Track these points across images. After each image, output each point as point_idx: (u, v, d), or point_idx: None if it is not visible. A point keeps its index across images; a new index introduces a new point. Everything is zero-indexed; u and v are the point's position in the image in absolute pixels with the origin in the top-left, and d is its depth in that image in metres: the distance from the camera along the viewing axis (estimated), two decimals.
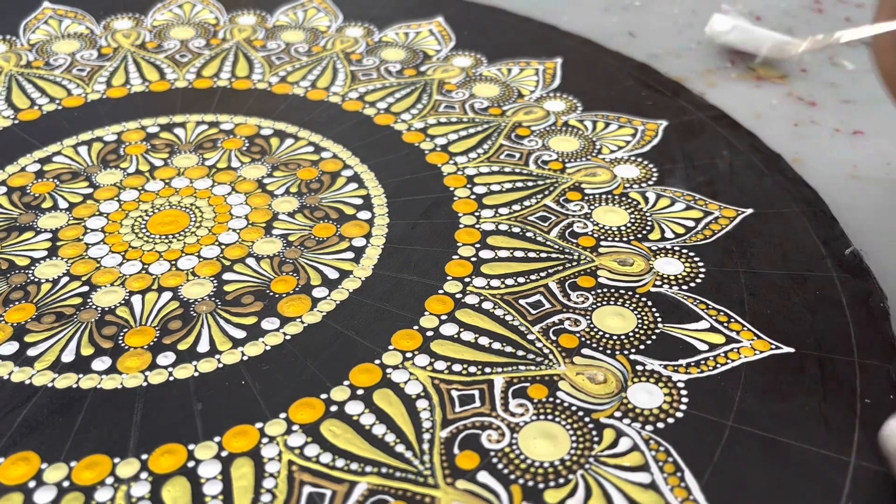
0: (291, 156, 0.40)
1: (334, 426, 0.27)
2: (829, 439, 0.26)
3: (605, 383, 0.28)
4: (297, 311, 0.31)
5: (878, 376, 0.28)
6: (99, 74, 0.47)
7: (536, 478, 0.25)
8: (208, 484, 0.25)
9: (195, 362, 0.29)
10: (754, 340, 0.30)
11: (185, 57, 0.49)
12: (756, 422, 0.27)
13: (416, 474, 0.25)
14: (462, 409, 0.27)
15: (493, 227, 0.35)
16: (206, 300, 0.32)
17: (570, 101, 0.44)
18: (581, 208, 0.37)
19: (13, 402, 0.28)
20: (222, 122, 0.43)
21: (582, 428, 0.27)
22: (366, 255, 0.34)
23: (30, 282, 0.33)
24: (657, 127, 0.42)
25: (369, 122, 0.43)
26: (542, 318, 0.31)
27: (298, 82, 0.46)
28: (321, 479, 0.25)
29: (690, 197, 0.37)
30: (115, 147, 0.41)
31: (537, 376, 0.29)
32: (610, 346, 0.30)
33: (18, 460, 0.26)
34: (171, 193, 0.38)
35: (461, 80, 0.46)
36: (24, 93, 0.45)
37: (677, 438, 0.26)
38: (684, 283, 0.33)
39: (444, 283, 0.33)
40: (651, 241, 0.35)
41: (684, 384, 0.28)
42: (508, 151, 0.40)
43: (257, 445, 0.26)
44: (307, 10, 0.54)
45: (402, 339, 0.30)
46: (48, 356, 0.29)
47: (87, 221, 0.36)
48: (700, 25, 0.53)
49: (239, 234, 0.35)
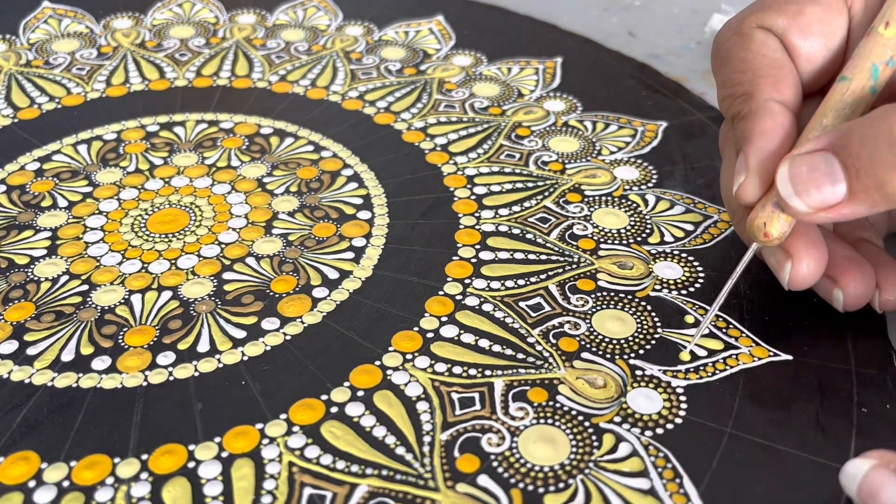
0: (291, 155, 0.40)
1: (335, 427, 0.27)
2: (827, 447, 0.26)
3: (605, 388, 0.28)
4: (297, 312, 0.31)
5: (876, 385, 0.28)
6: (98, 73, 0.47)
7: (536, 482, 0.25)
8: (209, 485, 0.25)
9: (195, 362, 0.29)
10: (753, 347, 0.30)
11: (184, 56, 0.49)
12: (754, 429, 0.27)
13: (416, 477, 0.25)
14: (462, 411, 0.27)
15: (493, 229, 0.35)
16: (206, 300, 0.32)
17: (570, 101, 0.44)
18: (581, 210, 0.37)
19: (13, 401, 0.28)
20: (222, 121, 0.43)
21: (582, 432, 0.27)
22: (366, 256, 0.34)
23: (29, 280, 0.33)
24: (657, 128, 0.42)
25: (369, 121, 0.43)
26: (542, 320, 0.31)
27: (298, 81, 0.46)
28: (321, 481, 0.25)
29: (690, 200, 0.37)
30: (114, 146, 0.41)
31: (537, 380, 0.29)
32: (609, 350, 0.30)
33: (18, 460, 0.26)
34: (171, 192, 0.38)
35: (461, 80, 0.46)
36: (23, 92, 0.45)
37: (676, 444, 0.26)
38: (683, 287, 0.33)
39: (444, 284, 0.33)
40: (651, 244, 0.35)
41: (683, 390, 0.28)
42: (508, 151, 0.40)
43: (258, 446, 0.26)
44: (307, 9, 0.54)
45: (402, 341, 0.30)
46: (48, 355, 0.29)
47: (86, 220, 0.36)
48: (700, 25, 0.53)
49: (239, 233, 0.35)
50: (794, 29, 0.30)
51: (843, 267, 0.29)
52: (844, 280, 0.29)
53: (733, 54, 0.30)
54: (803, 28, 0.30)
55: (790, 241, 0.28)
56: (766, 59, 0.29)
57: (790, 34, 0.30)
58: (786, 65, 0.29)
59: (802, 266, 0.28)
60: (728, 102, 0.30)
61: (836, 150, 0.25)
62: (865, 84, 0.27)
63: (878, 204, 0.24)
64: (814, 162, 0.25)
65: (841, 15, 0.30)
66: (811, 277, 0.28)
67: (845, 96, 0.27)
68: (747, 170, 0.28)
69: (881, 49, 0.27)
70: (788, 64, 0.29)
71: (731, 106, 0.29)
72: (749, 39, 0.30)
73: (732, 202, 0.30)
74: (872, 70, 0.27)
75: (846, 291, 0.29)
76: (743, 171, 0.28)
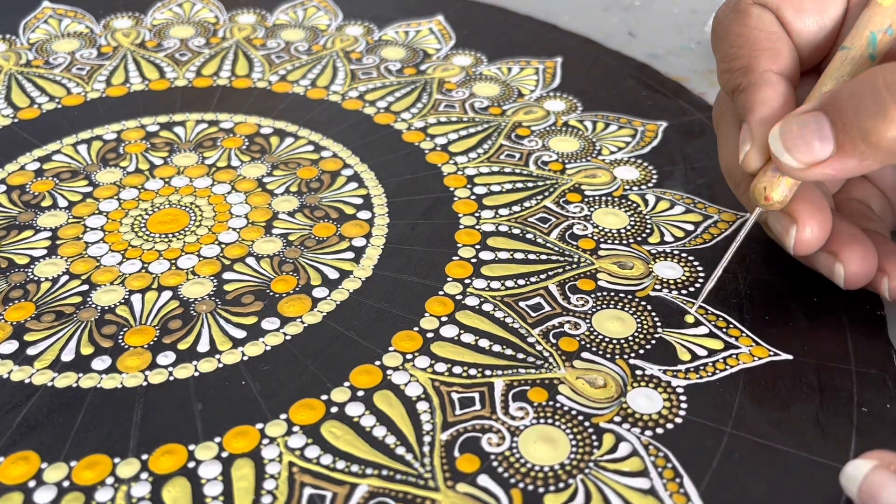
0: (291, 155, 0.40)
1: (335, 427, 0.27)
2: (827, 447, 0.26)
3: (605, 387, 0.28)
4: (297, 311, 0.31)
5: (876, 385, 0.28)
6: (98, 73, 0.47)
7: (536, 482, 0.25)
8: (209, 485, 0.25)
9: (195, 362, 0.29)
10: (753, 347, 0.30)
11: (184, 56, 0.49)
12: (754, 429, 0.27)
13: (416, 477, 0.25)
14: (462, 411, 0.27)
15: (493, 228, 0.35)
16: (206, 300, 0.32)
17: (570, 101, 0.44)
18: (581, 210, 0.37)
19: (13, 401, 0.28)
20: (222, 121, 0.43)
21: (582, 432, 0.27)
22: (366, 256, 0.34)
23: (29, 280, 0.33)
24: (657, 128, 0.42)
25: (369, 121, 0.43)
26: (542, 320, 0.31)
27: (298, 81, 0.46)
28: (322, 481, 0.25)
29: (690, 200, 0.37)
30: (114, 146, 0.41)
31: (537, 379, 0.29)
32: (609, 349, 0.30)
33: (18, 460, 0.26)
34: (171, 192, 0.38)
35: (461, 79, 0.46)
36: (23, 91, 0.45)
37: (676, 444, 0.26)
38: (683, 287, 0.33)
39: (444, 284, 0.33)
40: (651, 244, 0.35)
41: (683, 389, 0.28)
42: (508, 151, 0.40)
43: (258, 446, 0.26)
44: (307, 9, 0.54)
45: (402, 341, 0.30)
46: (48, 355, 0.29)
47: (86, 220, 0.36)
48: (700, 25, 0.53)
49: (239, 233, 0.35)
50: (788, 5, 0.30)
51: (846, 242, 0.29)
52: (846, 254, 0.29)
53: (730, 30, 0.31)
54: (796, 4, 0.30)
55: (794, 207, 0.28)
56: (762, 33, 0.30)
57: (784, 10, 0.31)
58: (782, 38, 0.30)
59: (806, 230, 0.28)
60: (727, 77, 0.30)
61: (826, 108, 0.26)
62: (864, 52, 0.28)
63: (866, 156, 0.25)
64: (804, 120, 0.26)
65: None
66: (815, 241, 0.29)
67: (844, 63, 0.28)
68: (751, 138, 0.28)
69: (880, 18, 0.28)
70: (784, 37, 0.30)
71: (730, 80, 0.30)
72: (746, 15, 0.30)
73: (735, 173, 0.31)
74: (871, 38, 0.28)
75: (847, 267, 0.29)
76: (748, 140, 0.29)
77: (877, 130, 0.24)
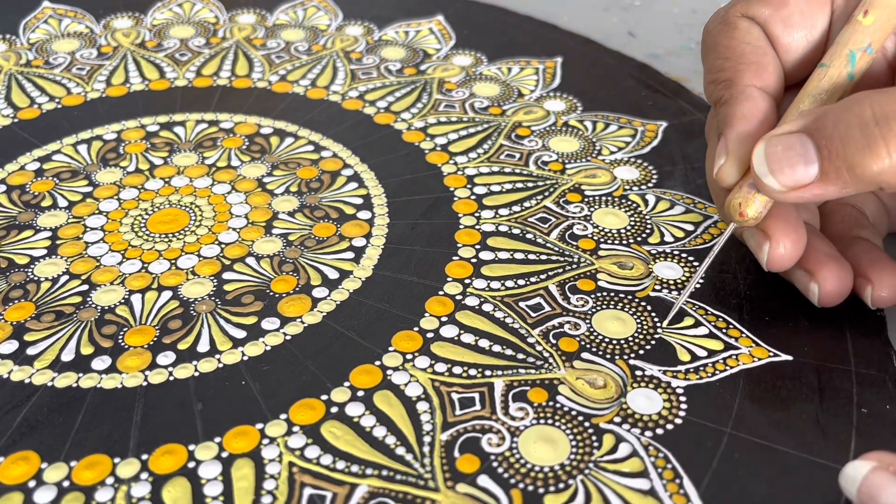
0: (291, 155, 0.40)
1: (335, 428, 0.27)
2: (827, 448, 0.26)
3: (605, 388, 0.28)
4: (297, 311, 0.31)
5: (876, 386, 0.28)
6: (98, 73, 0.47)
7: (536, 482, 0.25)
8: (209, 485, 0.25)
9: (195, 362, 0.29)
10: (753, 347, 0.30)
11: (184, 56, 0.49)
12: (754, 429, 0.27)
13: (416, 477, 0.25)
14: (462, 412, 0.27)
15: (493, 228, 0.35)
16: (206, 299, 0.32)
17: (570, 101, 0.44)
18: (581, 210, 0.37)
19: (13, 401, 0.28)
20: (222, 121, 0.43)
21: (582, 433, 0.27)
22: (366, 256, 0.34)
23: (29, 280, 0.33)
24: (657, 128, 0.42)
25: (369, 121, 0.43)
26: (542, 321, 0.31)
27: (298, 81, 0.46)
28: (322, 481, 0.25)
29: (690, 200, 0.37)
30: (114, 146, 0.41)
31: (537, 380, 0.29)
32: (609, 350, 0.30)
33: (18, 460, 0.26)
34: (171, 192, 0.38)
35: (461, 79, 0.46)
36: (23, 91, 0.45)
37: (676, 445, 0.26)
38: (682, 287, 0.33)
39: (444, 284, 0.33)
40: (651, 244, 0.35)
41: (683, 390, 0.28)
42: (508, 151, 0.40)
43: (258, 446, 0.26)
44: (307, 9, 0.54)
45: (402, 341, 0.30)
46: (48, 355, 0.29)
47: (86, 220, 0.36)
48: (700, 25, 0.52)
49: (239, 233, 0.35)
50: (777, 19, 0.30)
51: (822, 262, 0.29)
52: (822, 274, 0.29)
53: (718, 42, 0.31)
54: (785, 19, 0.30)
55: (768, 224, 0.28)
56: (748, 46, 0.30)
57: (772, 24, 0.31)
58: (768, 53, 0.30)
59: (780, 247, 0.28)
60: (711, 88, 0.31)
61: (811, 131, 0.25)
62: (843, 71, 0.28)
63: (848, 185, 0.25)
64: (789, 142, 0.26)
65: (824, 8, 0.31)
66: (788, 259, 0.29)
67: (822, 82, 0.28)
68: (727, 153, 0.28)
69: (859, 36, 0.28)
70: (770, 52, 0.30)
71: (714, 91, 0.30)
72: (733, 28, 0.31)
73: (715, 185, 0.30)
74: (850, 57, 0.28)
75: (822, 285, 0.29)
76: (723, 154, 0.29)
77: (863, 164, 0.24)
